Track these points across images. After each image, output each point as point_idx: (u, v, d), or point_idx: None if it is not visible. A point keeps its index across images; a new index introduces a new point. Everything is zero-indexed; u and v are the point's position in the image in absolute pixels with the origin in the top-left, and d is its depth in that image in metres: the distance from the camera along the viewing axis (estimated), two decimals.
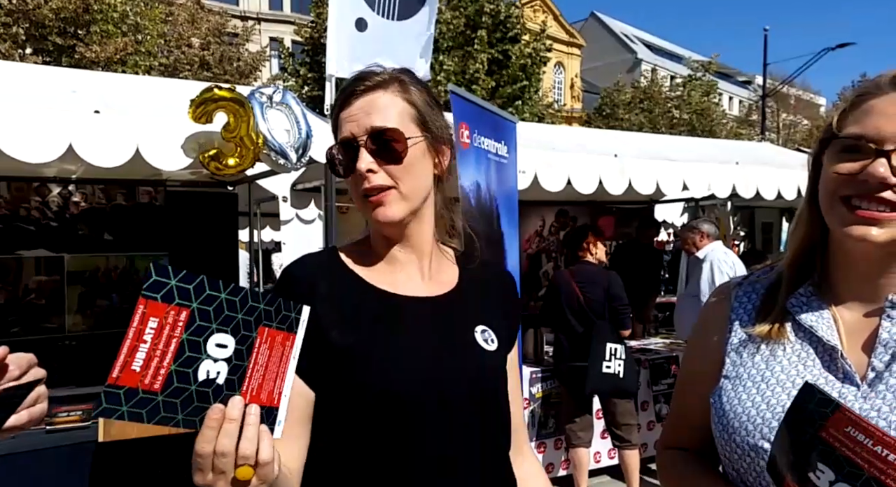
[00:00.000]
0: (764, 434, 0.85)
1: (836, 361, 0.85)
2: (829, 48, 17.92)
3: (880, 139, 0.81)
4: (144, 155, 2.71)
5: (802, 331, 0.90)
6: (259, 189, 4.64)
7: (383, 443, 0.92)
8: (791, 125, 34.62)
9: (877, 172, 0.79)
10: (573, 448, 4.07)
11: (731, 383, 0.92)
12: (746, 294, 0.98)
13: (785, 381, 0.87)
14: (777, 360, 0.89)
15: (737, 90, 45.43)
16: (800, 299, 0.91)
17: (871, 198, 0.81)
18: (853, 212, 0.82)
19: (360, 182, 0.99)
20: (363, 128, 0.99)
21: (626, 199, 5.62)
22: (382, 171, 0.99)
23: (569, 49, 36.84)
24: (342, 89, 1.06)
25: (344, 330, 0.94)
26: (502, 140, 3.34)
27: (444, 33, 14.39)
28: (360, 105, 1.01)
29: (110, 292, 4.22)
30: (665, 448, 1.09)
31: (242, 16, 26.93)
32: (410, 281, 1.04)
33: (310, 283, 0.97)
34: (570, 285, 4.03)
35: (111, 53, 10.95)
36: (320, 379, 0.94)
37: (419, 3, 3.08)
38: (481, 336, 1.04)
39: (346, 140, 1.00)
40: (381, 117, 1.00)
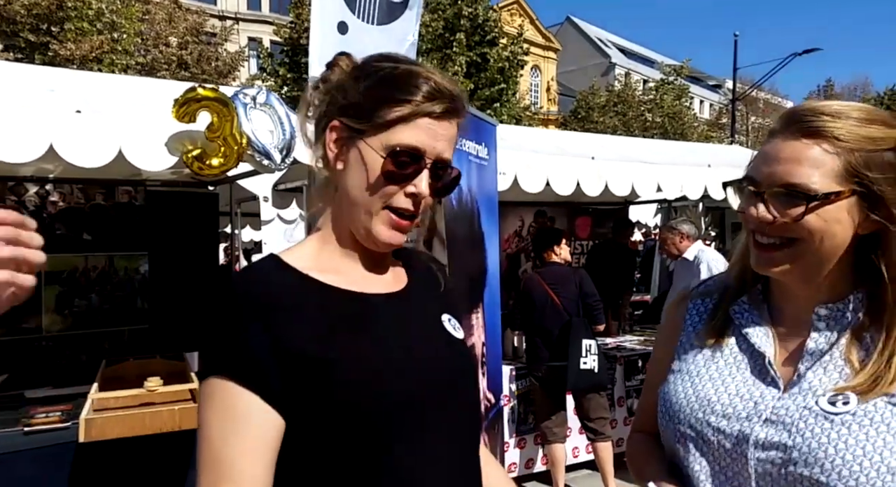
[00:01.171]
0: (691, 423, 0.96)
1: (765, 368, 0.94)
2: (795, 53, 18.38)
3: (759, 183, 0.90)
4: (127, 155, 2.70)
5: (742, 338, 0.99)
6: (240, 189, 4.64)
7: (372, 454, 0.85)
8: (760, 128, 35.35)
9: (754, 214, 0.90)
10: (549, 445, 4.16)
11: (672, 376, 1.03)
12: (702, 298, 1.08)
13: (716, 379, 0.97)
14: (715, 361, 0.99)
15: (708, 94, 46.25)
16: (742, 307, 1.00)
17: (762, 234, 0.91)
18: (755, 248, 0.93)
19: (400, 197, 0.90)
20: (436, 153, 0.91)
21: (602, 200, 5.73)
22: (425, 201, 0.93)
23: (545, 53, 37.17)
24: (433, 85, 0.91)
25: (322, 342, 0.84)
26: (483, 142, 3.40)
27: (423, 36, 14.43)
28: (446, 127, 0.92)
29: (89, 292, 4.18)
30: (634, 432, 1.22)
31: (220, 15, 26.64)
32: (371, 279, 0.96)
33: (266, 295, 0.86)
34: (541, 288, 4.12)
35: (86, 51, 10.78)
36: (295, 403, 0.82)
37: (400, 10, 3.11)
38: (449, 324, 1.02)
39: (418, 149, 0.90)
40: (450, 152, 0.94)
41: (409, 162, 0.89)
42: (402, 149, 0.89)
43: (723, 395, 0.95)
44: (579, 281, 4.17)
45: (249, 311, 0.83)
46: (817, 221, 0.87)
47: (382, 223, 0.91)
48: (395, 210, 0.91)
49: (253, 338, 0.82)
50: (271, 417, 0.82)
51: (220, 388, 0.82)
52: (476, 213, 3.31)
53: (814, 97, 38.36)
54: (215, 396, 0.82)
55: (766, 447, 0.89)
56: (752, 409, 0.92)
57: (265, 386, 0.81)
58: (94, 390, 3.01)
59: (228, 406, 0.81)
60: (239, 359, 0.82)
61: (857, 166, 0.86)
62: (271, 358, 0.81)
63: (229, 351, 0.83)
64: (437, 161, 0.92)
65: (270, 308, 0.84)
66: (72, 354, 4.10)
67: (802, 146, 0.88)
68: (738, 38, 19.75)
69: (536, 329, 4.16)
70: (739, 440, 0.91)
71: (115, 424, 2.77)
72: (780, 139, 0.90)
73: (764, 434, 0.89)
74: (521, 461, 4.39)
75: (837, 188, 0.87)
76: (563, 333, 4.02)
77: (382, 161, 0.89)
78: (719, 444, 0.93)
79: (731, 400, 0.94)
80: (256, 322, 0.82)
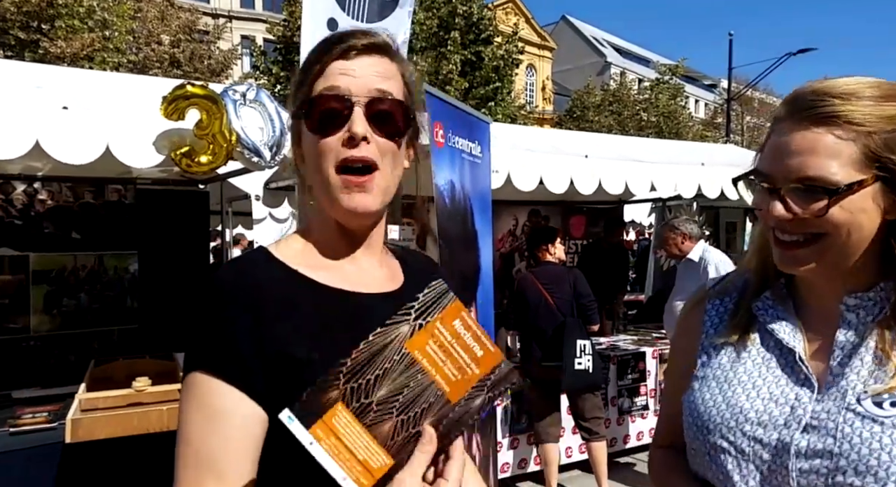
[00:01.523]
0: (723, 433, 0.87)
1: (796, 365, 0.87)
2: (790, 53, 18.43)
3: (773, 179, 0.85)
4: (115, 152, 2.67)
5: (768, 335, 0.91)
6: (231, 187, 4.61)
7: None
8: (755, 128, 35.50)
9: (773, 213, 0.84)
10: (542, 445, 4.14)
11: (698, 383, 0.94)
12: (720, 298, 1.01)
13: (746, 382, 0.89)
14: (741, 362, 0.91)
15: (703, 93, 46.39)
16: (766, 303, 0.93)
17: (783, 230, 0.85)
18: (777, 245, 0.87)
19: (343, 148, 0.84)
20: (364, 88, 0.85)
21: (597, 199, 5.73)
22: (374, 145, 0.85)
23: (540, 51, 37.18)
24: (335, 39, 0.87)
25: (309, 341, 0.80)
26: (476, 140, 3.38)
27: (417, 34, 14.40)
28: (362, 63, 0.86)
29: (78, 292, 4.14)
30: (656, 447, 1.11)
31: (213, 13, 26.56)
32: (366, 277, 0.92)
33: (252, 289, 0.81)
34: (536, 288, 4.11)
35: (77, 49, 10.70)
36: (280, 399, 0.76)
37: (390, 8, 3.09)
38: None
39: (339, 93, 0.84)
40: (385, 83, 0.86)
41: (333, 108, 0.84)
42: (316, 97, 0.85)
43: (755, 400, 0.87)
44: (573, 280, 4.16)
45: (236, 305, 0.80)
46: (842, 214, 0.81)
47: (340, 190, 0.85)
48: (345, 169, 0.84)
49: (239, 333, 0.79)
50: (255, 413, 0.78)
51: (202, 383, 0.78)
52: (469, 211, 3.29)
53: None
54: (198, 391, 0.79)
55: (809, 456, 0.81)
56: (789, 414, 0.84)
57: (249, 382, 0.78)
58: (82, 390, 2.98)
59: (211, 401, 0.78)
60: (223, 354, 0.79)
61: (877, 150, 0.79)
62: (257, 354, 0.78)
63: (214, 346, 0.79)
64: (372, 98, 0.85)
65: (258, 303, 0.80)
66: (60, 354, 4.06)
67: (814, 135, 0.81)
68: (732, 37, 19.84)
69: (530, 328, 4.14)
70: (779, 449, 0.83)
71: (102, 424, 2.74)
72: (789, 128, 0.83)
73: (805, 442, 0.81)
74: (514, 460, 4.38)
75: (859, 176, 0.80)
76: (558, 333, 4.00)
77: (308, 121, 0.86)
78: (756, 455, 0.85)
79: (766, 405, 0.86)
80: (243, 316, 0.79)
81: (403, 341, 0.72)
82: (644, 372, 5.01)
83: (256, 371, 0.78)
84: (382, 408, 0.70)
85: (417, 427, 0.71)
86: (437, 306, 0.74)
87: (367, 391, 0.70)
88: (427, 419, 0.72)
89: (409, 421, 0.71)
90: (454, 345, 0.74)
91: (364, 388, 0.70)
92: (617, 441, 4.82)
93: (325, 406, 0.69)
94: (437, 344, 0.73)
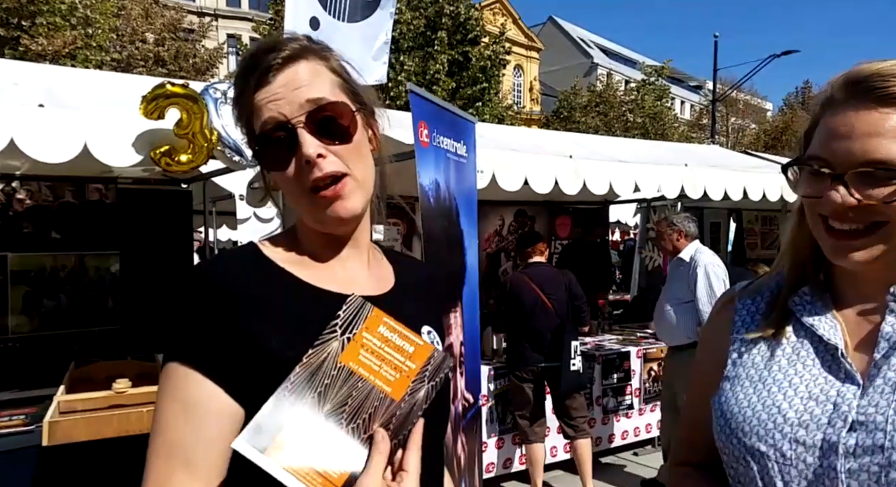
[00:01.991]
0: (760, 436, 0.82)
1: (837, 361, 0.83)
2: (774, 55, 18.65)
3: (833, 163, 0.79)
4: (93, 150, 2.63)
5: (804, 331, 0.87)
6: (215, 187, 4.57)
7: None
8: (739, 129, 35.86)
9: (835, 200, 0.78)
10: (529, 445, 4.15)
11: (729, 384, 0.90)
12: (751, 297, 0.96)
13: (782, 381, 0.85)
14: (776, 360, 0.87)
15: (688, 95, 46.81)
16: (803, 298, 0.89)
17: (843, 219, 0.80)
18: (832, 236, 0.81)
19: (306, 173, 0.83)
20: (296, 106, 0.83)
21: (582, 200, 5.75)
22: (332, 155, 0.84)
23: (528, 52, 37.27)
24: (247, 66, 0.85)
25: (284, 338, 0.80)
26: (461, 139, 3.37)
27: (404, 33, 14.39)
28: (283, 80, 0.83)
29: (58, 292, 4.09)
30: (675, 465, 1.05)
31: (199, 12, 26.31)
32: (353, 279, 0.91)
33: (234, 284, 0.81)
34: (530, 289, 4.11)
35: (59, 47, 10.55)
36: (255, 394, 0.76)
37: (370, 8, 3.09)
38: (428, 338, 0.96)
39: (276, 123, 0.82)
40: (314, 90, 0.84)
41: (277, 140, 0.83)
42: (259, 138, 0.85)
43: (794, 400, 0.82)
44: (569, 283, 4.22)
45: (216, 299, 0.80)
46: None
47: (317, 207, 0.85)
48: (316, 189, 0.84)
49: (217, 327, 0.79)
50: (230, 406, 0.78)
51: (179, 374, 0.79)
52: (455, 211, 3.28)
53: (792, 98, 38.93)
54: (174, 382, 0.79)
55: (858, 454, 0.76)
56: (832, 412, 0.79)
57: (225, 376, 0.78)
58: (61, 392, 2.94)
59: (187, 393, 0.78)
60: (201, 347, 0.79)
61: None
62: (233, 348, 0.78)
63: (191, 338, 0.79)
64: (307, 115, 0.83)
65: (237, 297, 0.80)
66: (39, 356, 4.00)
67: (880, 116, 0.76)
68: (718, 39, 20.01)
69: (524, 330, 4.11)
70: (825, 450, 0.77)
71: (81, 427, 2.70)
72: (849, 111, 0.79)
73: (854, 440, 0.76)
74: (500, 460, 4.38)
75: None
76: (557, 335, 4.04)
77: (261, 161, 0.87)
78: (799, 458, 0.79)
79: (805, 404, 0.81)
80: (222, 310, 0.79)
81: (336, 356, 0.75)
82: (629, 372, 5.04)
83: (232, 365, 0.78)
84: (331, 421, 0.73)
85: (369, 431, 0.74)
86: (359, 317, 0.78)
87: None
88: (376, 422, 0.74)
89: (360, 428, 0.74)
90: (384, 349, 0.78)
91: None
92: (602, 441, 4.84)
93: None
94: (369, 351, 0.77)
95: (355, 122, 0.87)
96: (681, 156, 5.38)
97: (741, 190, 5.11)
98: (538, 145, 4.62)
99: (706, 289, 3.93)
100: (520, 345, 4.14)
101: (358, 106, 0.88)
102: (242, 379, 0.78)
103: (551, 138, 5.77)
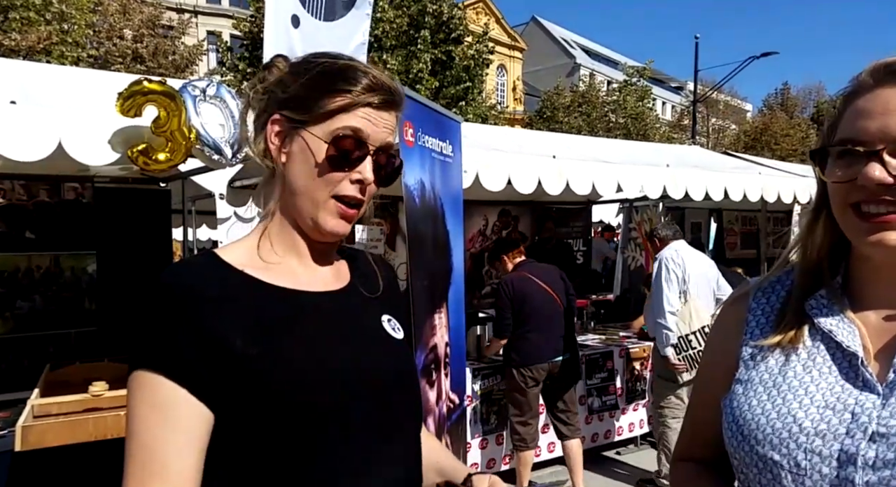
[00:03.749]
0: (774, 445, 0.80)
1: (855, 368, 0.80)
2: (754, 56, 18.89)
3: (868, 140, 0.76)
4: (68, 149, 2.57)
5: (820, 336, 0.84)
6: (194, 185, 4.49)
7: (307, 455, 0.84)
8: (720, 129, 36.30)
9: (872, 176, 0.75)
10: (527, 451, 4.09)
11: (742, 388, 0.87)
12: (766, 295, 0.92)
13: (797, 388, 0.82)
14: (790, 366, 0.84)
15: (670, 96, 47.25)
16: (820, 302, 0.85)
17: (878, 202, 0.76)
18: (865, 219, 0.78)
19: (346, 185, 0.91)
20: (380, 140, 0.93)
21: (566, 200, 5.76)
22: (370, 187, 0.95)
23: (511, 52, 37.39)
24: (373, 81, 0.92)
25: (248, 337, 0.83)
26: (447, 139, 3.35)
27: (387, 32, 14.33)
28: (385, 115, 0.94)
29: (32, 293, 3.99)
30: (679, 460, 1.03)
31: (178, 8, 25.97)
32: (311, 276, 0.96)
33: (194, 288, 0.84)
34: (539, 286, 4.10)
35: (33, 42, 10.32)
36: (222, 396, 0.81)
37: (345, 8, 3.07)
38: (388, 325, 1.01)
39: (362, 139, 0.91)
40: (392, 137, 0.96)
41: (353, 147, 0.91)
42: (345, 135, 0.90)
43: (810, 408, 0.79)
44: (562, 275, 4.27)
45: (177, 304, 0.82)
46: None
47: (329, 213, 0.92)
48: (341, 199, 0.92)
49: (179, 331, 0.81)
50: (200, 410, 0.81)
51: (147, 381, 0.81)
52: (440, 211, 3.27)
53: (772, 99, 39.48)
54: (143, 389, 0.81)
55: (878, 467, 0.73)
56: (850, 422, 0.76)
57: (192, 380, 0.80)
58: (36, 395, 2.87)
59: (156, 399, 0.80)
60: (166, 352, 0.81)
61: None
62: (198, 351, 0.80)
63: (156, 344, 0.82)
64: (381, 148, 0.94)
65: (198, 300, 0.83)
66: (14, 358, 3.92)
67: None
68: (699, 40, 20.25)
69: (537, 327, 4.04)
70: (842, 462, 0.75)
71: (55, 431, 2.63)
72: (883, 90, 0.77)
73: (874, 452, 0.73)
74: (483, 461, 4.37)
75: None
76: (568, 327, 4.11)
77: (326, 147, 0.90)
78: (814, 469, 0.76)
79: (822, 413, 0.78)
80: (183, 315, 0.82)
81: None
82: (612, 372, 5.06)
83: (199, 366, 0.80)
84: None
85: None
86: None
87: None
88: None
89: None
90: None
91: None
92: (586, 440, 4.86)
93: None
94: None
95: (399, 176, 0.99)
96: (663, 157, 5.42)
97: (722, 190, 5.17)
98: (522, 145, 4.62)
99: (658, 281, 4.19)
100: (533, 343, 4.04)
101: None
102: (209, 381, 0.81)
103: (534, 138, 5.77)
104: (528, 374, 4.03)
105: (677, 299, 4.11)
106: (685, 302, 4.10)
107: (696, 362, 4.04)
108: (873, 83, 0.79)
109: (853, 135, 0.78)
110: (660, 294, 4.13)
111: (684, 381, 4.13)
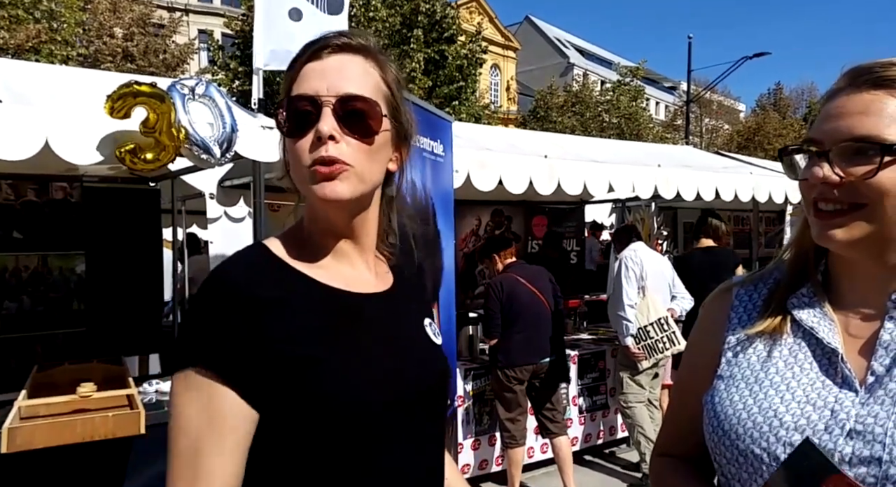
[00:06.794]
0: (754, 438, 0.81)
1: (835, 365, 0.81)
2: (747, 57, 18.98)
3: (819, 141, 0.80)
4: (55, 148, 2.54)
5: (801, 332, 0.86)
6: (184, 185, 4.47)
7: (352, 457, 0.83)
8: (713, 129, 36.45)
9: (816, 175, 0.79)
10: (518, 448, 4.09)
11: (723, 383, 0.88)
12: (748, 292, 0.94)
13: (779, 384, 0.83)
14: (772, 361, 0.85)
15: (663, 95, 47.43)
16: (801, 299, 0.87)
17: (827, 200, 0.80)
18: (819, 217, 0.81)
19: (312, 148, 0.84)
20: (334, 90, 0.84)
21: (558, 200, 5.76)
22: (344, 144, 0.85)
23: (504, 52, 37.39)
24: (312, 41, 0.88)
25: (299, 337, 0.82)
26: (438, 139, 3.35)
27: (380, 31, 14.29)
28: (334, 63, 0.86)
29: (19, 294, 3.96)
30: (659, 456, 1.04)
31: (169, 6, 25.85)
32: (360, 277, 0.93)
33: (250, 288, 0.82)
34: (527, 288, 4.09)
35: (22, 40, 10.21)
36: (272, 400, 0.80)
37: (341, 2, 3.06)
38: (430, 329, 1.01)
39: (307, 96, 0.84)
40: (356, 84, 0.86)
41: (303, 111, 0.84)
42: (287, 101, 0.86)
43: (790, 403, 0.80)
44: (550, 277, 4.27)
45: (232, 304, 0.80)
46: (892, 179, 0.75)
47: (312, 180, 0.85)
48: (314, 163, 0.85)
49: (235, 331, 0.79)
50: (248, 412, 0.80)
51: (197, 382, 0.79)
52: (432, 210, 3.26)
53: (764, 99, 39.66)
54: (193, 390, 0.79)
55: (854, 464, 0.75)
56: (829, 419, 0.78)
57: (245, 383, 0.79)
58: (23, 397, 2.84)
59: (207, 401, 0.78)
60: (220, 354, 0.79)
61: None
62: (253, 354, 0.79)
63: (210, 345, 0.79)
64: (342, 98, 0.84)
65: (255, 301, 0.81)
66: (1, 359, 3.87)
67: (872, 98, 0.78)
68: (692, 40, 20.31)
69: (525, 328, 4.04)
70: None
71: (43, 433, 2.60)
72: (844, 94, 0.80)
73: (850, 449, 0.75)
74: (476, 462, 4.37)
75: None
76: (556, 328, 4.14)
77: (283, 126, 0.87)
78: None
79: (802, 408, 0.79)
80: (240, 314, 0.79)
81: None
82: (604, 372, 5.07)
83: (252, 370, 0.79)
84: None
85: None
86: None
87: None
88: None
89: None
90: None
91: None
92: (578, 441, 4.86)
93: None
94: None
95: (380, 126, 0.87)
96: (654, 157, 5.42)
97: (713, 190, 5.18)
98: (514, 145, 4.62)
99: (616, 279, 4.51)
100: (518, 344, 4.05)
101: (394, 121, 0.90)
102: (261, 384, 0.79)
103: (526, 138, 5.77)
104: (511, 375, 4.04)
105: (636, 294, 4.42)
106: (643, 297, 4.41)
107: (653, 351, 4.40)
108: (842, 87, 0.82)
109: (812, 135, 0.82)
110: (620, 289, 4.44)
111: (643, 368, 4.44)
